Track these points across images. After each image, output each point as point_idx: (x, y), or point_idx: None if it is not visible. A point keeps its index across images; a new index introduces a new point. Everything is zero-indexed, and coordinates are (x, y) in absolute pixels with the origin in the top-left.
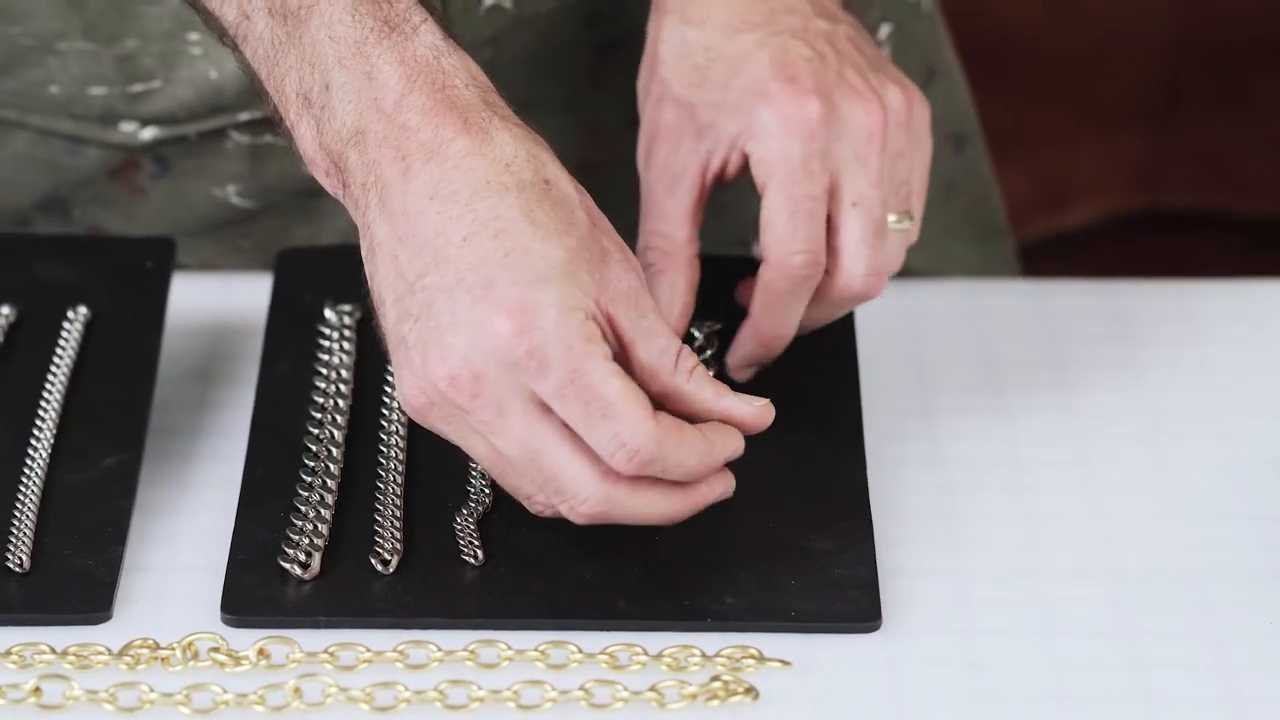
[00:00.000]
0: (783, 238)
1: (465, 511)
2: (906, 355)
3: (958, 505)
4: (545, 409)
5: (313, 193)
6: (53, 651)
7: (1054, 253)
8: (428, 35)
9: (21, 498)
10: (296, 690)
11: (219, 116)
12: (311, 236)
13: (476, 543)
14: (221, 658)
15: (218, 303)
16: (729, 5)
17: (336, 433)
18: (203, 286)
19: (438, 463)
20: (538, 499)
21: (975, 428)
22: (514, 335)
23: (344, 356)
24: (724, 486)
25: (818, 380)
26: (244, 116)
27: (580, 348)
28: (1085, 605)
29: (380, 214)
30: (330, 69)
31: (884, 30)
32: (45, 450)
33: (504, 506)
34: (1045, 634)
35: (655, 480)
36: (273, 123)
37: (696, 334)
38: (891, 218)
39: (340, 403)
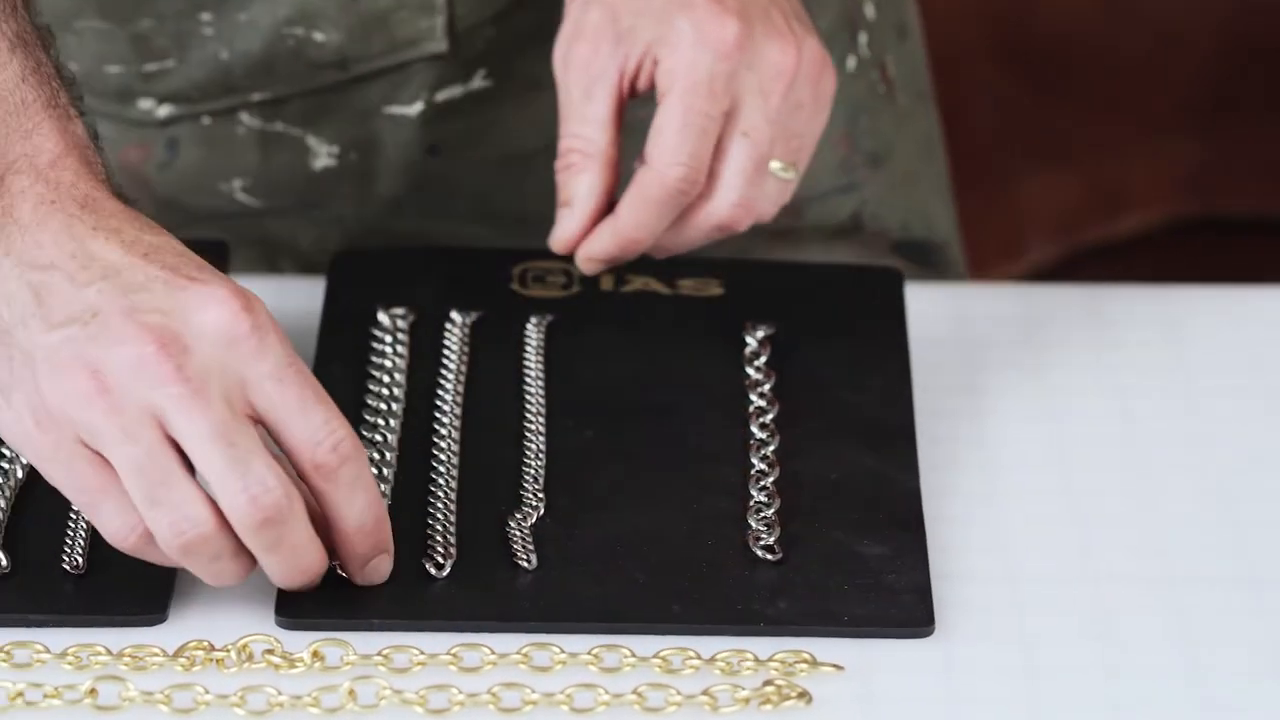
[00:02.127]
0: (669, 147)
1: (518, 516)
2: (958, 360)
3: (1010, 510)
4: (244, 407)
5: (317, 198)
6: (108, 653)
7: (1108, 259)
8: (83, 126)
9: None
10: (351, 692)
11: (230, 96)
12: (318, 240)
13: (530, 546)
14: (276, 660)
15: (271, 305)
16: None
17: (389, 436)
18: (256, 288)
19: (491, 467)
20: (188, 510)
21: (1027, 433)
22: (239, 313)
23: (397, 360)
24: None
25: (869, 385)
26: (255, 97)
27: (289, 341)
28: (1140, 611)
29: (7, 253)
30: None
31: None
32: None
33: (557, 511)
34: (1099, 639)
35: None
36: (282, 104)
37: (749, 340)
38: (777, 164)
39: (393, 405)
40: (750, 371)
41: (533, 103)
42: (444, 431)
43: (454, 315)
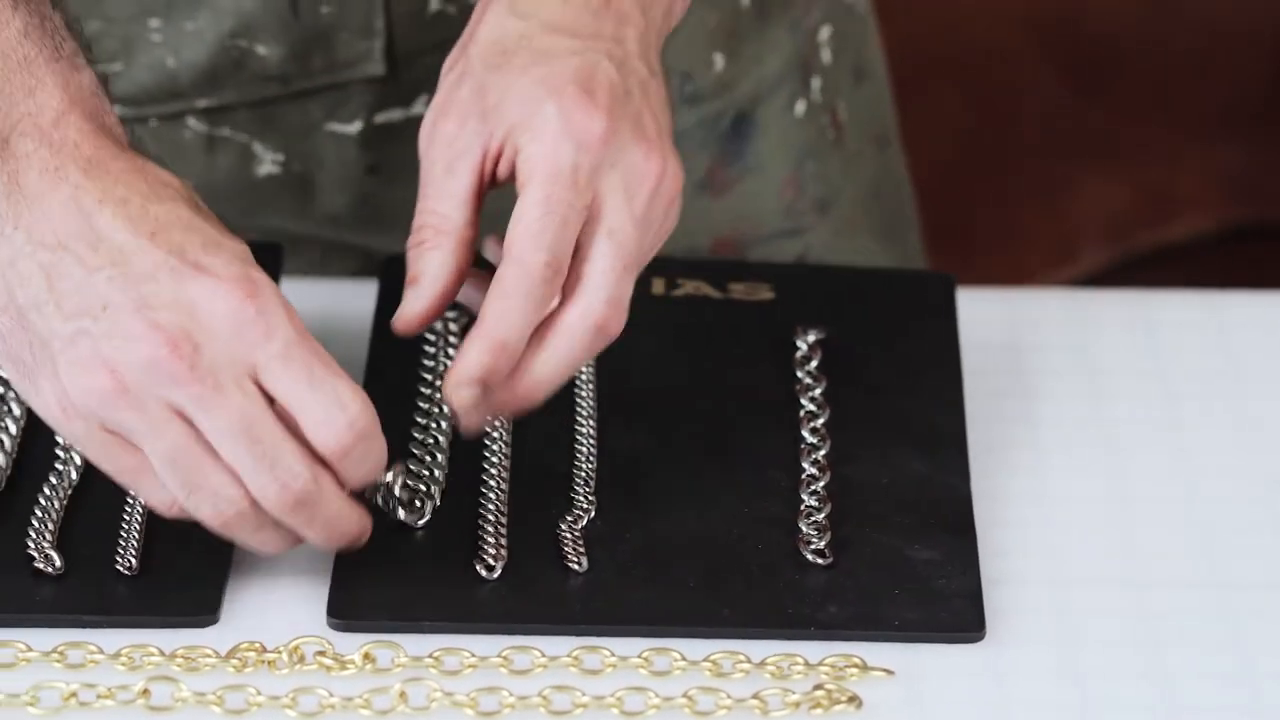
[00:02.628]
0: (531, 234)
1: (569, 518)
2: (1009, 365)
3: (1061, 515)
4: (256, 387)
5: (259, 206)
6: (161, 653)
7: (1158, 265)
8: (89, 75)
9: (131, 502)
10: (402, 694)
11: (177, 102)
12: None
13: (581, 549)
14: (327, 661)
15: (324, 308)
16: (561, 8)
17: (441, 438)
18: (309, 292)
19: (542, 469)
20: (225, 492)
21: (1078, 437)
22: (243, 300)
23: (448, 362)
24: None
25: (921, 389)
26: (201, 104)
27: (297, 319)
28: (1191, 616)
29: (16, 226)
30: None
31: (824, 32)
32: None
33: (608, 514)
34: (1150, 645)
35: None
36: (229, 112)
37: (800, 344)
38: None
39: (445, 408)
40: (801, 376)
41: None
42: (495, 434)
43: None
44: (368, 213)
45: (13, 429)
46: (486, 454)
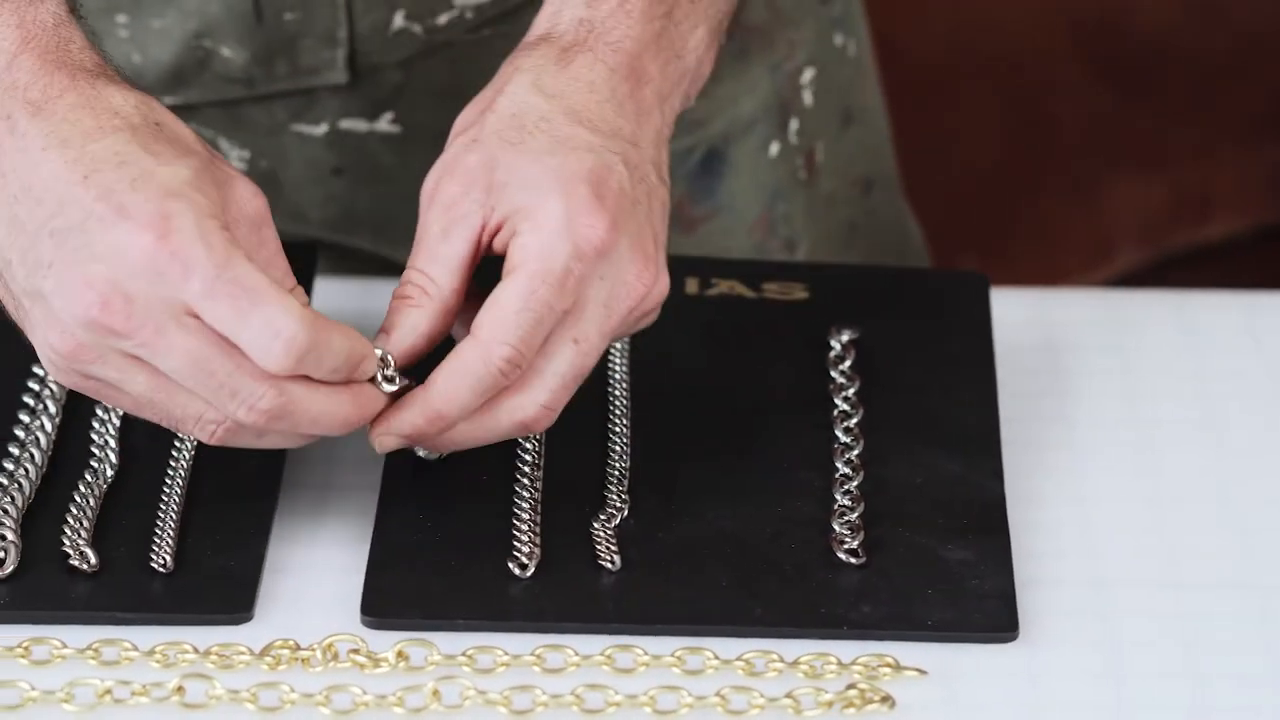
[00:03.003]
0: (503, 325)
1: (603, 517)
2: (1044, 365)
3: (1095, 515)
4: (198, 319)
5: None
6: (195, 651)
7: (1194, 265)
8: (50, 5)
9: (165, 499)
10: (435, 692)
11: None
12: None
13: (614, 548)
14: (361, 659)
15: (360, 306)
16: (585, 97)
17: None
18: (345, 290)
19: (575, 467)
20: (208, 416)
21: (1113, 438)
22: (156, 243)
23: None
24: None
25: (954, 390)
26: (167, 100)
27: (222, 246)
28: (1226, 618)
29: (8, 168)
30: None
31: (807, 74)
32: (189, 452)
33: (641, 512)
34: (1184, 645)
35: (318, 382)
36: (195, 110)
37: (834, 344)
38: None
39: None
40: (835, 375)
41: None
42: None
43: None
44: (334, 212)
45: (48, 426)
46: (520, 452)
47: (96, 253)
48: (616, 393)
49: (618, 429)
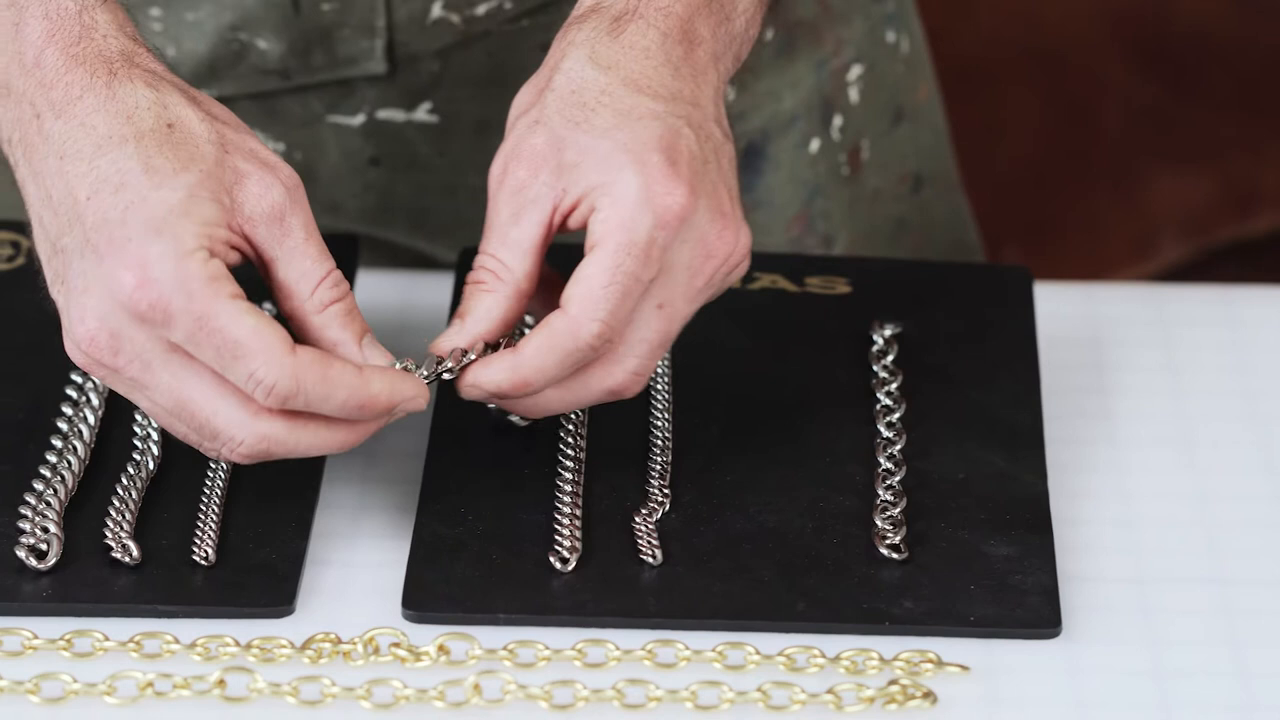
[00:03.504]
0: (592, 300)
1: (644, 511)
2: (1087, 359)
3: (1139, 512)
4: (189, 355)
5: None
6: (237, 644)
7: (1240, 259)
8: None
9: (207, 492)
10: (476, 687)
11: None
12: None
13: (655, 542)
14: (402, 653)
15: (400, 300)
16: (641, 64)
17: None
18: (385, 284)
19: (617, 462)
20: (205, 446)
21: (1157, 433)
22: (135, 290)
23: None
24: (407, 404)
25: (998, 384)
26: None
27: (202, 291)
28: (1271, 615)
29: (28, 174)
30: None
31: (854, 71)
32: None
33: (683, 507)
34: (1227, 642)
35: (314, 415)
36: (230, 102)
37: (877, 338)
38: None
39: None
40: (877, 370)
41: (480, 145)
42: (571, 426)
43: None
44: (370, 203)
45: (91, 419)
46: (562, 445)
47: (89, 281)
48: (659, 386)
49: (660, 423)
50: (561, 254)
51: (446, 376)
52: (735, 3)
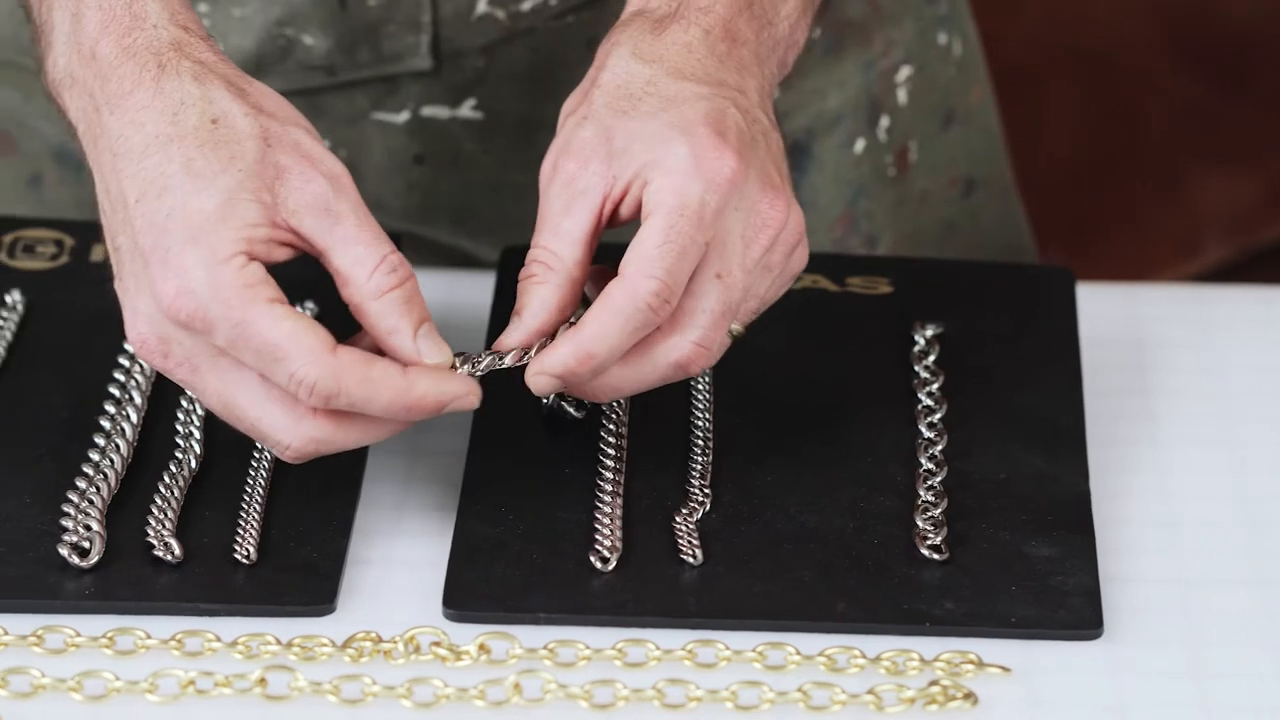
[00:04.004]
0: (647, 260)
1: (685, 511)
2: (1130, 360)
3: (1182, 513)
4: (236, 359)
5: None
6: (278, 642)
7: None
8: None
9: (249, 491)
10: (516, 686)
11: None
12: None
13: (695, 542)
14: (443, 652)
15: (442, 298)
16: (684, 56)
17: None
18: (426, 282)
19: (657, 461)
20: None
21: (1199, 434)
22: (175, 300)
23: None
24: (457, 403)
25: (1040, 385)
26: None
27: (238, 298)
28: None
29: (94, 165)
30: (54, 7)
31: (903, 73)
32: None
33: (723, 507)
34: (1270, 644)
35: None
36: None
37: (918, 338)
38: (735, 325)
39: (562, 401)
40: (919, 370)
41: (524, 142)
42: (611, 426)
43: None
44: (414, 201)
45: (134, 417)
46: (602, 445)
47: (140, 288)
48: (699, 386)
49: (701, 422)
50: (603, 254)
51: (499, 365)
52: (777, 8)
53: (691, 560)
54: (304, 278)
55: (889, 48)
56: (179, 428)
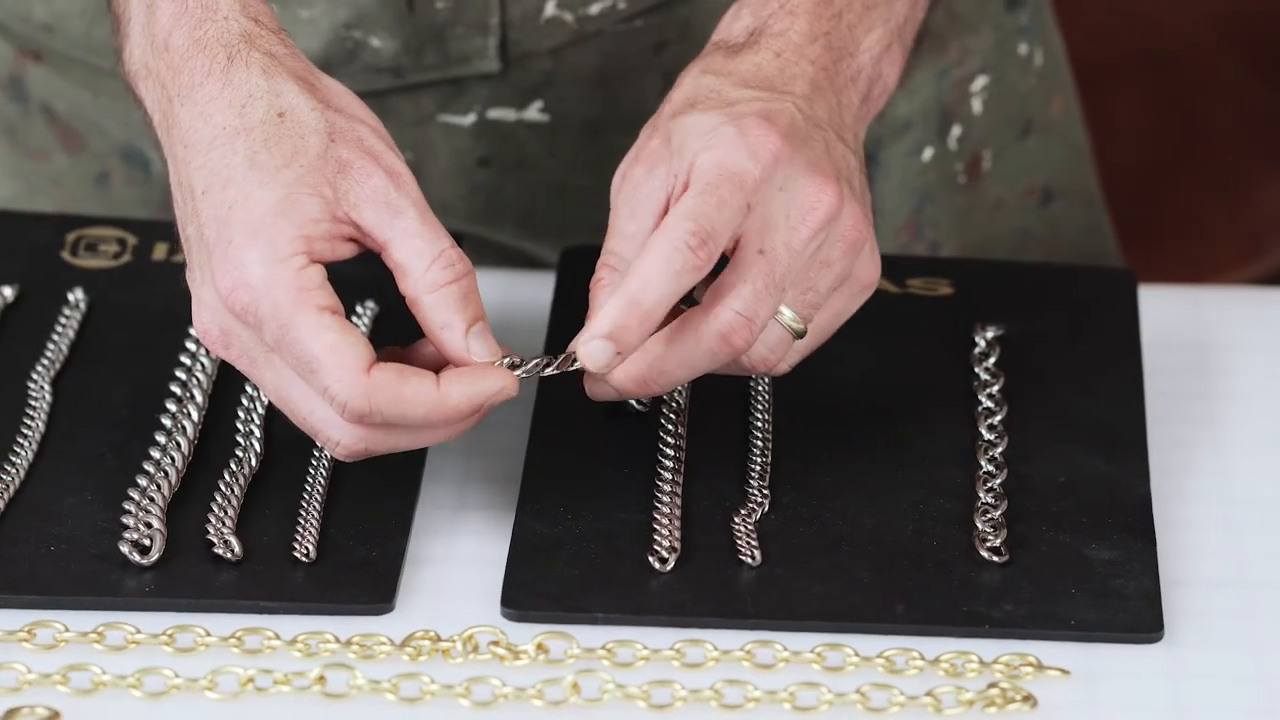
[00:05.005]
0: (684, 209)
1: (743, 512)
2: (1192, 363)
3: (1245, 517)
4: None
5: None
6: (337, 641)
7: None
8: None
9: (309, 490)
10: (574, 686)
11: None
12: None
13: (754, 543)
14: (501, 651)
15: (501, 299)
16: (753, 72)
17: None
18: (487, 283)
19: (716, 462)
20: (323, 435)
21: (1262, 438)
22: (232, 292)
23: None
24: (495, 399)
25: (1101, 388)
26: None
27: (288, 300)
28: None
29: (168, 155)
30: None
31: (979, 82)
32: None
33: (782, 508)
34: None
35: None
36: None
37: (979, 340)
38: (789, 312)
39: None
40: (979, 372)
41: (589, 145)
42: (670, 427)
43: None
44: (479, 203)
45: (194, 415)
46: (661, 446)
47: (204, 278)
48: (759, 387)
49: (760, 423)
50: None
51: (546, 371)
52: (858, 40)
53: (750, 561)
54: (369, 276)
55: (964, 56)
56: (239, 426)
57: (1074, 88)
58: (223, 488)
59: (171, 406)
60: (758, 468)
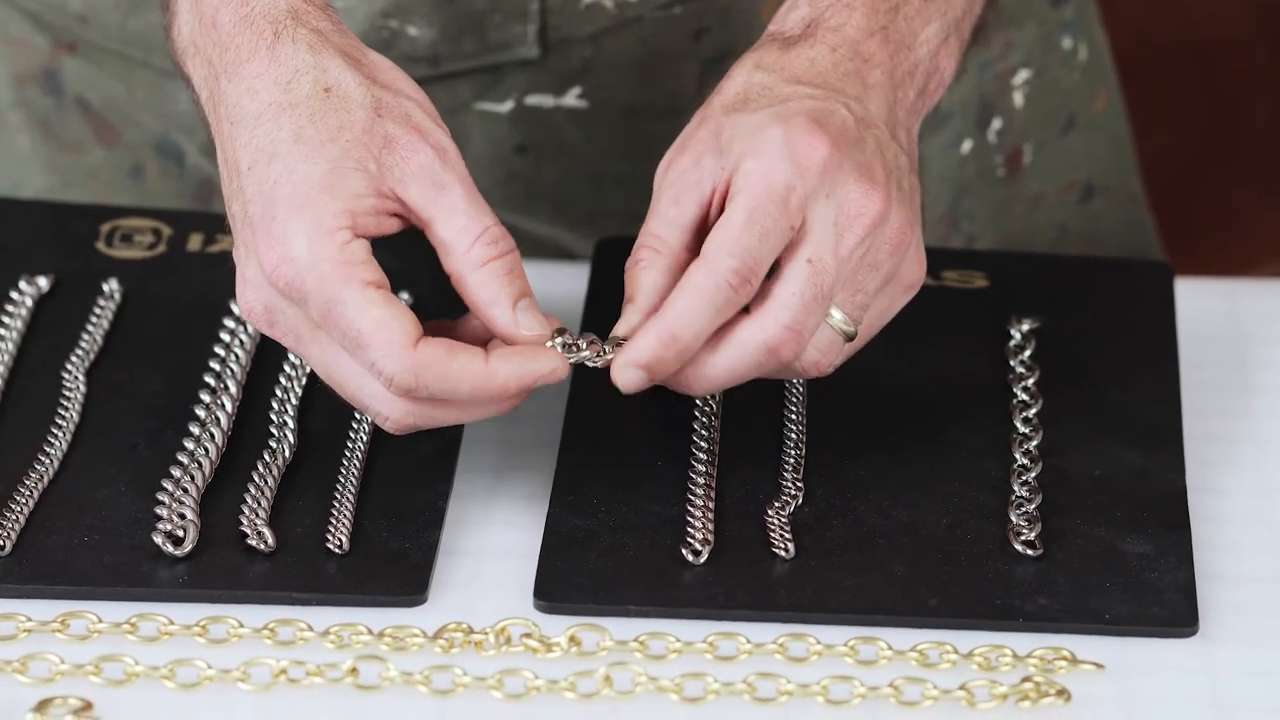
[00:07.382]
0: (727, 239)
1: (777, 504)
2: (1229, 357)
3: (1279, 511)
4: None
5: None
6: (369, 632)
7: None
8: None
9: (342, 481)
10: (607, 678)
11: None
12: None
13: (788, 536)
14: (533, 644)
15: (537, 289)
16: (806, 68)
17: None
18: None
19: (749, 455)
20: (375, 410)
21: None
22: (276, 268)
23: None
24: (544, 380)
25: (1137, 381)
26: None
27: (333, 275)
28: None
29: (215, 133)
30: None
31: (1021, 75)
32: (366, 435)
33: (816, 501)
34: None
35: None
36: None
37: (1014, 333)
38: (839, 315)
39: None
40: (1014, 365)
41: (628, 131)
42: (704, 419)
43: None
44: (515, 190)
45: (228, 406)
46: (695, 439)
47: (249, 255)
48: (793, 380)
49: (794, 416)
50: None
51: (592, 363)
52: (915, 33)
53: (783, 554)
54: (401, 268)
55: (1008, 50)
56: (273, 417)
57: (1117, 83)
58: (256, 479)
59: (205, 397)
60: (791, 460)
